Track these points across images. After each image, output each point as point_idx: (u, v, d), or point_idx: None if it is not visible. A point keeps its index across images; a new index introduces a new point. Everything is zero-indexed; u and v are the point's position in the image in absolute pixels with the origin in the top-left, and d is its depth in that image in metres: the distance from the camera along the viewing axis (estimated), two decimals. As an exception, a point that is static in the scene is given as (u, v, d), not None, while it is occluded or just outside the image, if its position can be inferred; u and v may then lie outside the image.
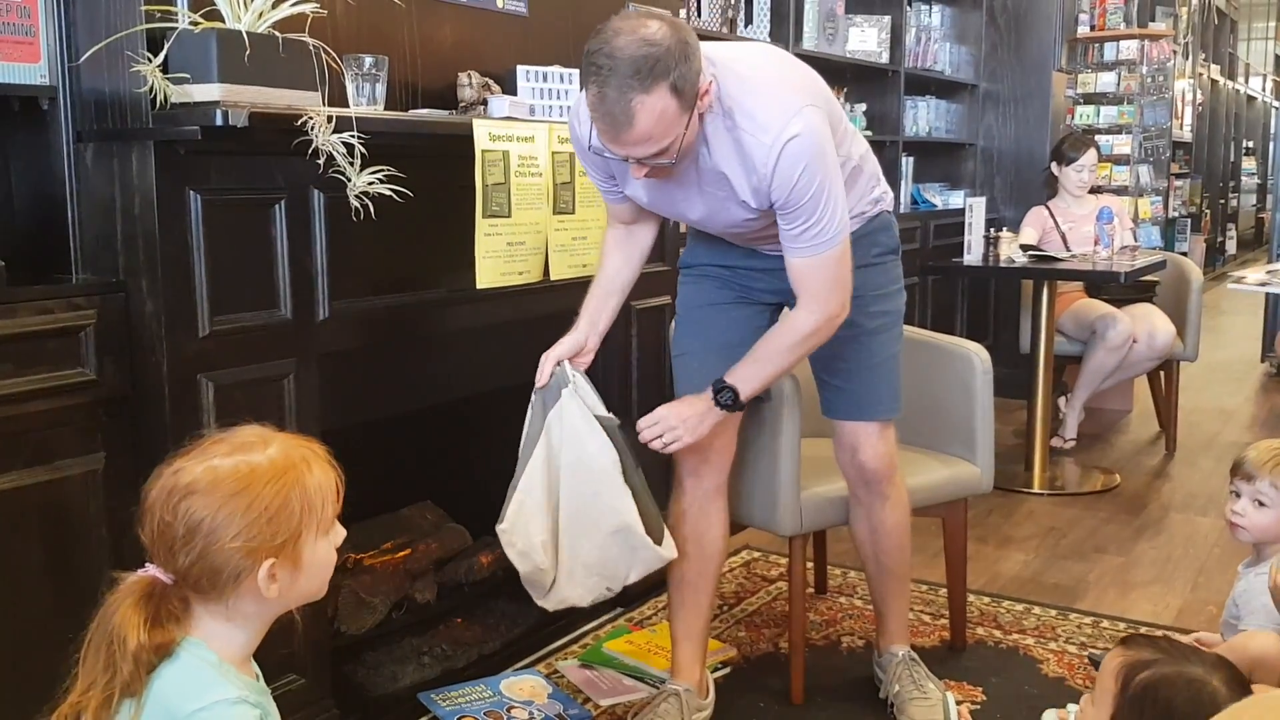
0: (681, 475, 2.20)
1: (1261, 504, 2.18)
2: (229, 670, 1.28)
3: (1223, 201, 11.95)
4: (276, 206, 1.90)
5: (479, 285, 2.20)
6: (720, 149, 1.87)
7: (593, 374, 2.12)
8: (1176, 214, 8.14)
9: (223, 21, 1.75)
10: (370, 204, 1.91)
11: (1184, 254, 6.92)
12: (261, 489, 1.25)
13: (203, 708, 1.22)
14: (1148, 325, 4.36)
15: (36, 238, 1.86)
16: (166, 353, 1.76)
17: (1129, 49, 6.10)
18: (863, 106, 4.79)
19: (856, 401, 2.21)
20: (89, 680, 1.24)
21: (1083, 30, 6.08)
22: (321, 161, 1.84)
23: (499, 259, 2.25)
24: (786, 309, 2.13)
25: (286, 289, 1.93)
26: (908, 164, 5.02)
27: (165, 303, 1.76)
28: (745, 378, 2.00)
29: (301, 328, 1.96)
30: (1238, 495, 2.22)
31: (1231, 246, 12.44)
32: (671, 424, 2.00)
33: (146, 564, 1.28)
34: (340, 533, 1.35)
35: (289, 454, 1.29)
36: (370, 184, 1.89)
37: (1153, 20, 7.01)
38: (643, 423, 2.03)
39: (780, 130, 1.80)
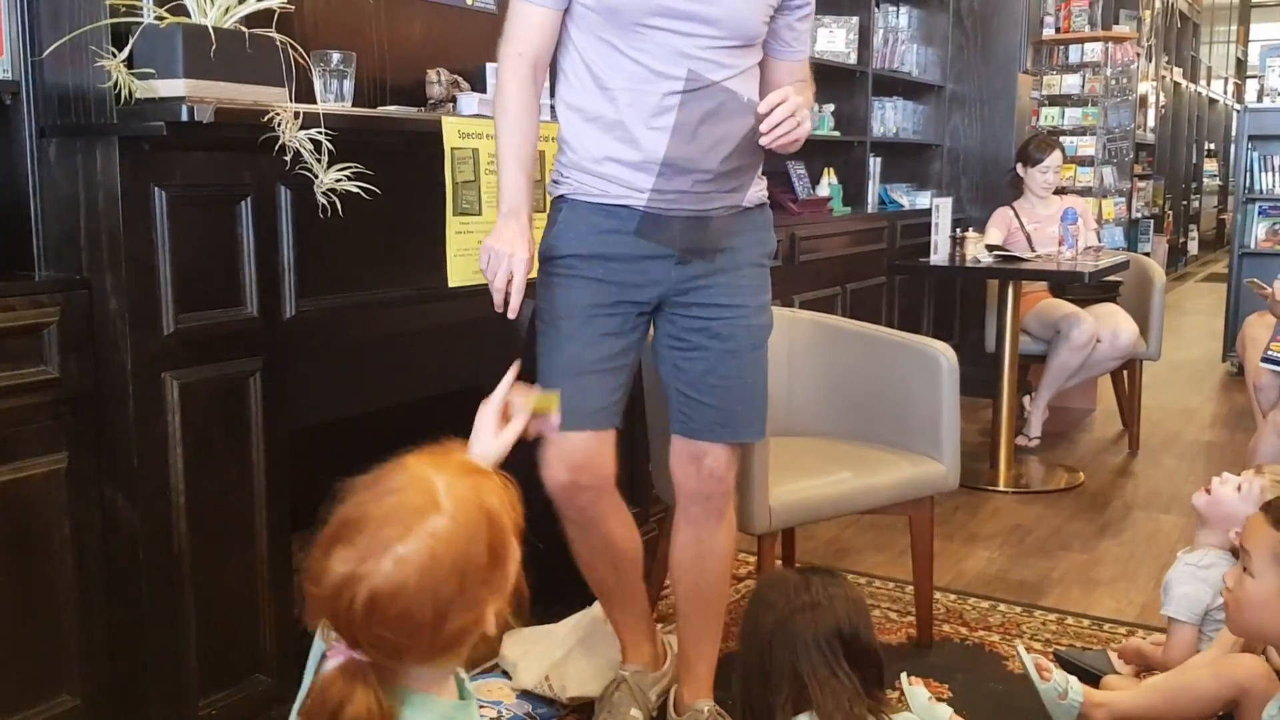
0: (561, 499, 2.00)
1: (1241, 489, 2.26)
2: (431, 701, 1.15)
3: (1185, 203, 12.10)
4: (243, 203, 1.88)
5: (451, 284, 2.19)
6: None
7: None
8: (1139, 215, 8.23)
9: (188, 16, 1.74)
10: (338, 201, 1.90)
11: (1147, 254, 7.00)
12: (466, 555, 1.09)
13: None
14: (1111, 325, 4.41)
15: (-2, 233, 1.84)
16: (130, 350, 1.75)
17: (1093, 51, 6.17)
18: (831, 107, 4.81)
19: (727, 421, 2.01)
20: None
21: (1048, 33, 6.14)
22: (288, 158, 1.82)
23: (470, 257, 2.24)
24: (658, 319, 1.99)
25: (252, 286, 1.91)
26: (875, 164, 5.04)
27: (129, 300, 1.74)
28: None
29: (268, 326, 1.94)
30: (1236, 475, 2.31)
31: (1194, 247, 12.61)
32: (799, 103, 1.78)
33: (334, 643, 1.11)
34: None
35: (460, 495, 1.12)
36: (337, 181, 1.88)
37: (1116, 23, 7.08)
38: (778, 115, 1.77)
39: None
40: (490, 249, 1.87)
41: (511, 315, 1.86)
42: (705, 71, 1.87)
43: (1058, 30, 6.19)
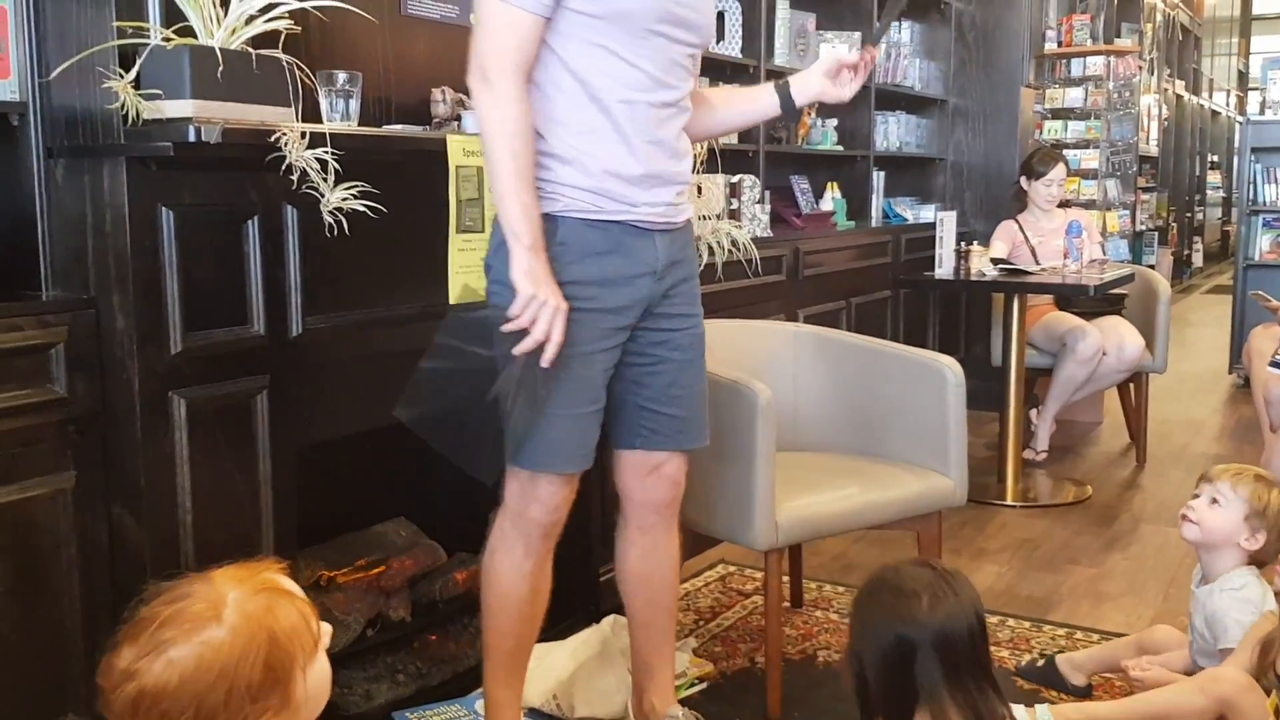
0: (529, 533, 1.96)
1: (1216, 501, 2.25)
2: None
3: (1189, 215, 12.10)
4: (249, 222, 1.89)
5: (452, 301, 2.19)
6: None
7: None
8: (1144, 227, 8.23)
9: (195, 38, 1.75)
10: (344, 220, 1.91)
11: (1151, 267, 6.99)
12: (235, 668, 1.14)
13: None
14: (1117, 338, 4.41)
15: (5, 255, 1.84)
16: (138, 370, 1.75)
17: (1095, 65, 6.18)
18: (834, 122, 4.82)
19: (688, 428, 2.04)
20: None
21: (1050, 46, 6.15)
22: (295, 178, 1.83)
23: (473, 274, 2.24)
24: (631, 346, 1.94)
25: (259, 305, 1.92)
26: (879, 178, 5.05)
27: (136, 319, 1.75)
28: None
29: (274, 344, 1.94)
30: (1196, 496, 2.29)
31: (1198, 259, 12.60)
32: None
33: None
34: (326, 637, 1.26)
35: (247, 610, 1.17)
36: (344, 200, 1.89)
37: (1118, 36, 7.10)
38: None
39: None
40: (532, 297, 1.75)
41: (545, 364, 1.78)
42: (683, 79, 1.91)
43: (1060, 44, 6.19)
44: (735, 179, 3.70)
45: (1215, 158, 13.86)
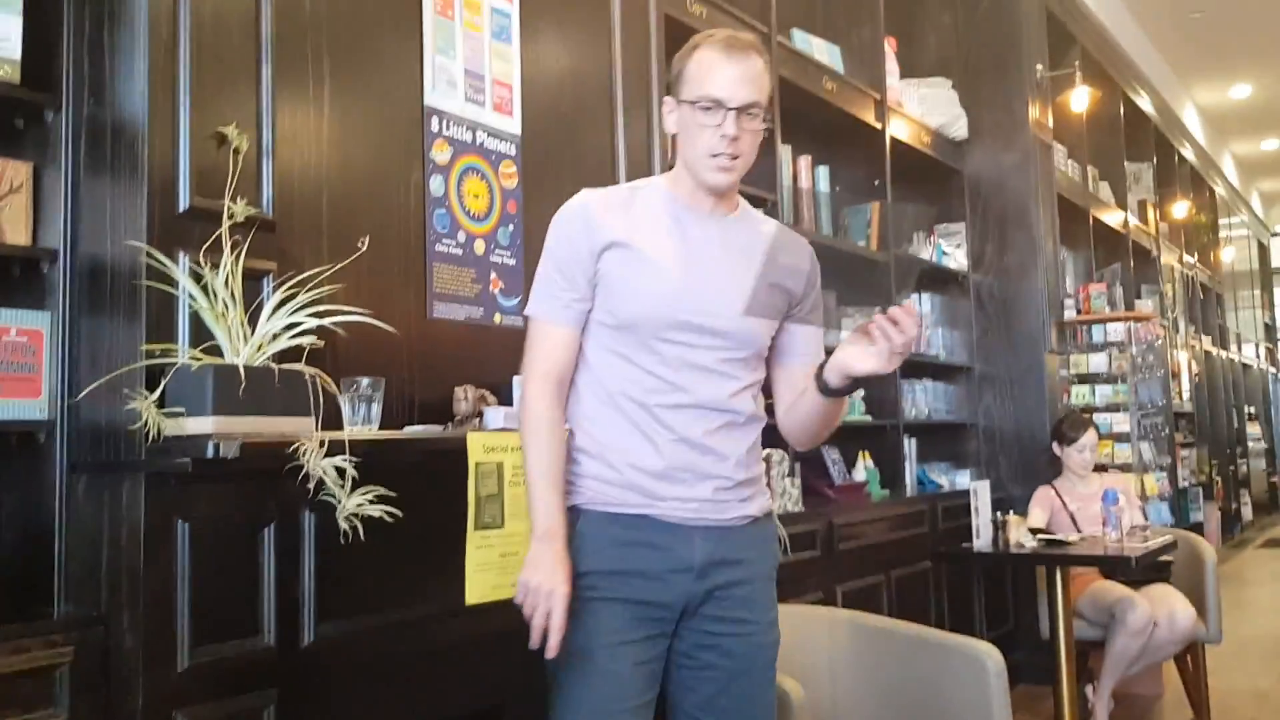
0: None
1: None
2: None
3: (1232, 468, 11.93)
4: (266, 531, 1.89)
5: (469, 601, 2.15)
6: (763, 225, 2.00)
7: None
8: (1187, 484, 8.09)
9: (222, 356, 1.80)
10: (360, 526, 1.90)
11: (1200, 523, 6.81)
12: None
13: None
14: (1167, 608, 4.23)
15: (22, 569, 1.85)
16: (143, 691, 1.71)
17: (1117, 330, 6.25)
18: (861, 391, 4.86)
19: None
20: None
21: (1070, 314, 6.25)
22: (312, 486, 1.84)
23: (491, 571, 2.21)
24: (678, 640, 1.89)
25: (271, 615, 1.89)
26: (910, 445, 5.04)
27: (145, 637, 1.72)
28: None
29: (285, 655, 1.90)
30: None
31: (1248, 512, 12.32)
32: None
33: None
34: None
35: None
36: (359, 506, 1.89)
37: (1138, 298, 7.22)
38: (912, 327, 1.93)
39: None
40: (527, 584, 1.77)
41: (550, 655, 1.76)
42: (719, 383, 1.89)
43: (1079, 311, 6.30)
44: (764, 454, 3.69)
45: (1252, 409, 13.81)
